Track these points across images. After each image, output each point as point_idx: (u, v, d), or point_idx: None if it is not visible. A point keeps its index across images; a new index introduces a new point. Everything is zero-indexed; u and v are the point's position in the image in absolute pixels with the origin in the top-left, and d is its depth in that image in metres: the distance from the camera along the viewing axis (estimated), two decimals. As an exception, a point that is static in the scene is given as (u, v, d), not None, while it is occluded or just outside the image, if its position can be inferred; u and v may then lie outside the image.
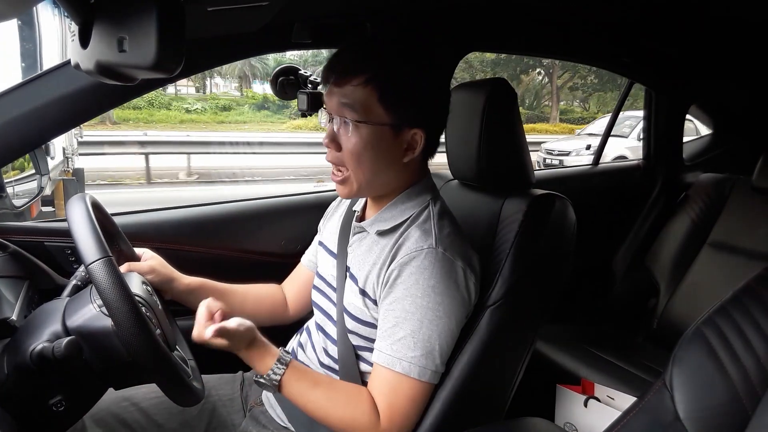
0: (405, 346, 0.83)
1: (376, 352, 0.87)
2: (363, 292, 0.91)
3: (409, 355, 0.83)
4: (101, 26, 0.53)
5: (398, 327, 0.84)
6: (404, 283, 0.85)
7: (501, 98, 1.08)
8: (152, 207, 1.47)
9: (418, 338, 0.83)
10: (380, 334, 0.87)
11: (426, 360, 0.83)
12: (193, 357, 0.99)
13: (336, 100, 0.86)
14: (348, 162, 0.87)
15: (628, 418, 0.71)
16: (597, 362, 1.61)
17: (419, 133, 0.88)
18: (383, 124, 0.85)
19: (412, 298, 0.83)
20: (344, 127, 0.86)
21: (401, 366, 0.83)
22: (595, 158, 2.25)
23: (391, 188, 0.94)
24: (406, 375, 0.83)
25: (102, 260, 0.73)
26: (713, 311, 0.69)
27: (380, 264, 0.89)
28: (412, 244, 0.87)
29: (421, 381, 0.84)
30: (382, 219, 0.93)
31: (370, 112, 0.84)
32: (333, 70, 0.87)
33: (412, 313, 0.83)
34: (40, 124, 1.01)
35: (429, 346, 0.83)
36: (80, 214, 0.78)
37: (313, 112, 1.30)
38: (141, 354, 0.73)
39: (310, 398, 0.87)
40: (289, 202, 1.62)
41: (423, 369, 0.83)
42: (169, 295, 1.04)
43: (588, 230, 1.23)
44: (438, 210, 0.92)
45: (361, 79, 0.84)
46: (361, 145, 0.85)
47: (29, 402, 0.76)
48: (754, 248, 1.70)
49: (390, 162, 0.89)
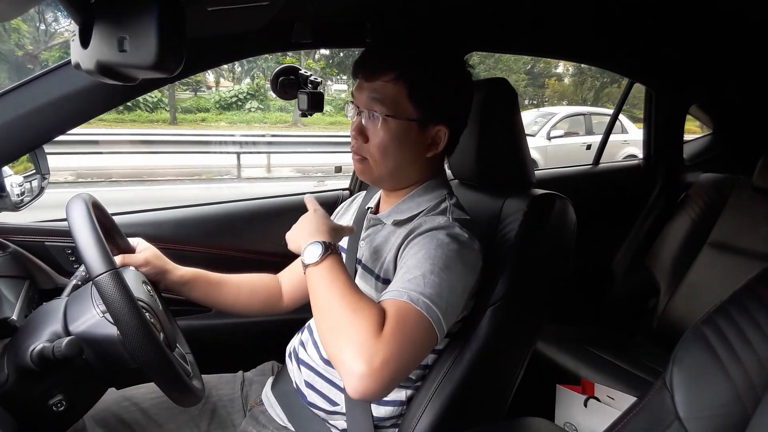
0: (414, 283, 0.78)
1: (384, 294, 0.80)
2: (377, 277, 0.92)
3: (419, 290, 0.77)
4: (102, 26, 0.53)
5: (409, 272, 0.80)
6: (419, 243, 0.84)
7: (501, 98, 1.08)
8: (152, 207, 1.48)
9: (428, 280, 0.78)
10: (391, 284, 0.82)
11: (433, 300, 0.76)
12: (191, 351, 0.99)
13: (366, 94, 0.89)
14: (374, 153, 0.90)
15: (628, 418, 0.71)
16: (597, 362, 1.61)
17: (443, 130, 0.91)
18: (411, 120, 0.88)
19: (426, 250, 0.82)
20: (372, 120, 0.89)
21: (409, 296, 0.76)
22: (595, 158, 2.25)
23: (410, 182, 0.96)
24: (414, 304, 0.75)
25: (109, 273, 0.73)
26: (713, 311, 0.69)
27: (397, 246, 0.90)
28: (428, 224, 0.88)
29: (426, 317, 0.76)
30: (399, 211, 0.95)
31: (398, 107, 0.88)
32: (364, 66, 0.91)
33: (425, 260, 0.80)
34: (40, 124, 1.01)
35: (438, 290, 0.78)
36: (82, 218, 0.78)
37: (313, 111, 1.30)
38: (147, 363, 0.74)
39: (333, 288, 0.77)
40: (289, 202, 1.62)
41: (429, 306, 0.76)
42: (163, 286, 1.05)
43: (588, 230, 1.23)
44: (454, 203, 0.95)
45: (392, 76, 0.87)
46: (388, 139, 0.88)
47: (29, 402, 0.76)
48: (754, 248, 1.70)
49: (414, 156, 0.92)
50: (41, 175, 1.15)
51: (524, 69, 18.37)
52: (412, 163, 0.93)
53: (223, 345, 1.40)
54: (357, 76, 0.92)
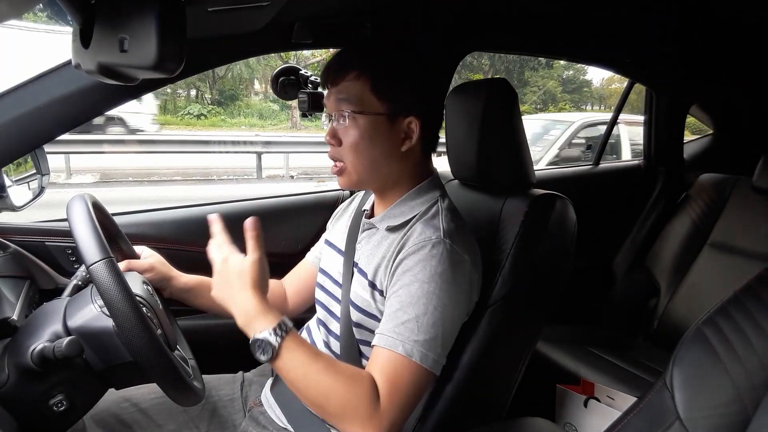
0: (408, 329, 0.81)
1: (378, 335, 0.83)
2: (372, 284, 0.92)
3: (412, 339, 0.80)
4: (102, 26, 0.53)
5: (403, 311, 0.82)
6: (412, 270, 0.85)
7: (501, 98, 1.08)
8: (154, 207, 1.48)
9: (422, 323, 0.81)
10: (384, 319, 0.85)
11: (428, 345, 0.81)
12: (193, 357, 0.99)
13: (333, 97, 0.91)
14: (347, 154, 0.91)
15: (629, 418, 0.71)
16: (597, 362, 1.61)
17: (414, 122, 0.91)
18: (378, 114, 0.89)
19: (419, 283, 0.83)
20: (342, 121, 0.90)
21: (404, 348, 0.80)
22: (595, 158, 2.25)
23: (393, 180, 0.95)
24: (408, 357, 0.79)
25: (103, 261, 0.73)
26: (714, 311, 0.69)
27: (389, 256, 0.90)
28: (420, 235, 0.88)
29: (423, 366, 0.80)
30: (392, 215, 0.95)
31: (364, 102, 0.89)
32: (329, 71, 0.93)
33: (418, 298, 0.82)
34: (40, 124, 1.01)
35: (433, 332, 0.81)
36: (80, 213, 0.78)
37: (313, 111, 1.30)
38: (142, 354, 0.73)
39: (310, 372, 0.78)
40: (289, 202, 1.62)
41: (425, 354, 0.80)
42: (167, 292, 1.05)
43: (588, 230, 1.23)
44: (446, 206, 0.94)
45: (353, 74, 0.89)
46: (358, 136, 0.89)
47: (30, 402, 0.76)
48: (754, 248, 1.70)
49: (388, 152, 0.92)
50: (41, 175, 1.15)
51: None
52: (387, 158, 0.92)
53: (223, 345, 1.40)
54: (324, 85, 0.94)
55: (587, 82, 22.70)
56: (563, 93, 20.93)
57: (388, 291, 0.88)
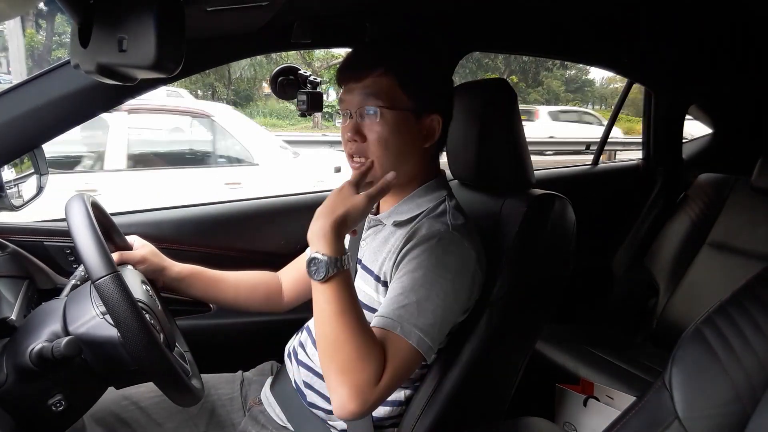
0: (408, 312, 0.81)
1: (377, 317, 0.82)
2: (377, 278, 0.93)
3: (412, 322, 0.80)
4: (101, 26, 0.53)
5: (404, 295, 0.82)
6: (418, 258, 0.85)
7: (500, 98, 1.08)
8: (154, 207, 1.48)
9: (423, 308, 0.81)
10: (385, 302, 0.84)
11: (426, 331, 0.81)
12: (189, 349, 0.99)
13: (358, 92, 0.91)
14: (374, 150, 0.90)
15: (628, 418, 0.71)
16: (596, 362, 1.61)
17: (437, 119, 0.93)
18: (406, 110, 0.90)
19: (424, 270, 0.83)
20: (369, 117, 0.90)
21: (402, 329, 0.79)
22: (594, 158, 2.25)
23: (410, 177, 0.96)
24: (405, 339, 0.79)
25: (110, 276, 0.73)
26: (713, 311, 0.69)
27: (396, 249, 0.90)
28: (428, 229, 0.89)
29: (417, 350, 0.80)
30: (399, 212, 0.96)
31: (393, 98, 0.89)
32: (351, 68, 0.93)
33: (421, 284, 0.83)
34: (40, 124, 1.01)
35: (432, 318, 0.81)
36: (82, 219, 0.78)
37: (312, 111, 1.30)
38: (148, 366, 0.74)
39: (342, 314, 0.77)
40: (289, 202, 1.62)
41: (421, 339, 0.80)
42: (161, 283, 1.05)
43: (588, 230, 1.23)
44: (453, 205, 0.95)
45: (380, 70, 0.89)
46: (387, 132, 0.89)
47: (29, 402, 0.76)
48: (753, 248, 1.70)
49: (412, 148, 0.93)
50: (40, 175, 1.15)
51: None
52: (411, 155, 0.93)
53: (223, 345, 1.40)
54: (345, 82, 0.94)
55: (590, 81, 22.88)
56: (566, 93, 21.04)
57: (393, 278, 0.88)
